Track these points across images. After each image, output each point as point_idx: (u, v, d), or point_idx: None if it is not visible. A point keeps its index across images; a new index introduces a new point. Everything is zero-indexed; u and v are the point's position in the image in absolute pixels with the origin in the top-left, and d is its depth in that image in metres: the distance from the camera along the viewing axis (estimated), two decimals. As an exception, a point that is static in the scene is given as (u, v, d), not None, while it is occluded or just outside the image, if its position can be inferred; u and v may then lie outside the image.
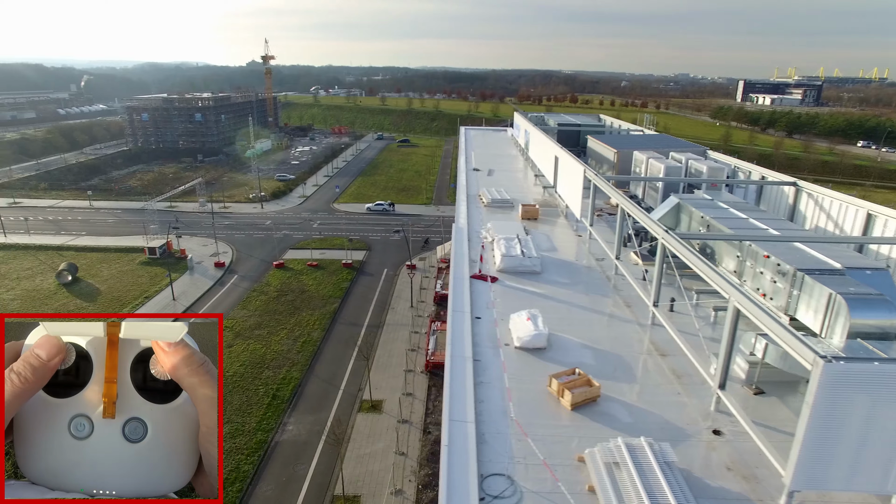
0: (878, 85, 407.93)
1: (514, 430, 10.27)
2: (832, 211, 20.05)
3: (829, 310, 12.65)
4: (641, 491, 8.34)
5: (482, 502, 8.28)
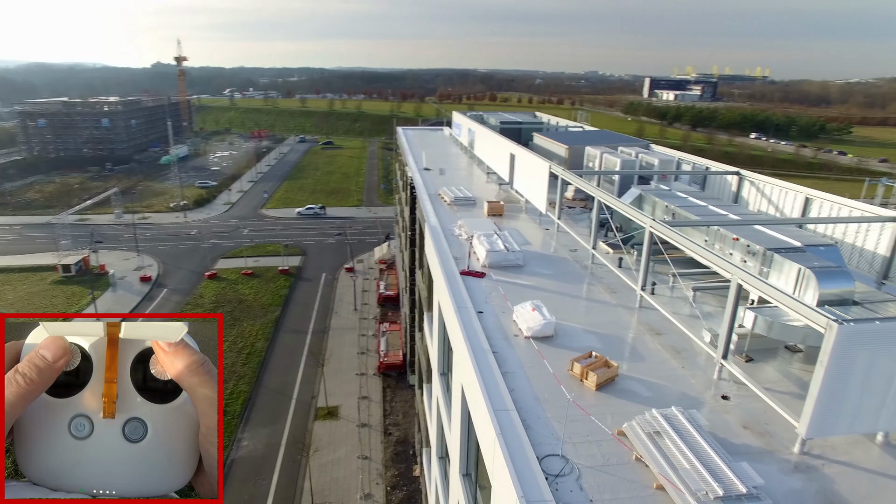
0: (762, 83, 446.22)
1: (551, 413, 10.85)
2: (773, 196, 22.12)
3: (799, 283, 14.13)
4: (688, 453, 9.16)
5: (547, 482, 8.78)
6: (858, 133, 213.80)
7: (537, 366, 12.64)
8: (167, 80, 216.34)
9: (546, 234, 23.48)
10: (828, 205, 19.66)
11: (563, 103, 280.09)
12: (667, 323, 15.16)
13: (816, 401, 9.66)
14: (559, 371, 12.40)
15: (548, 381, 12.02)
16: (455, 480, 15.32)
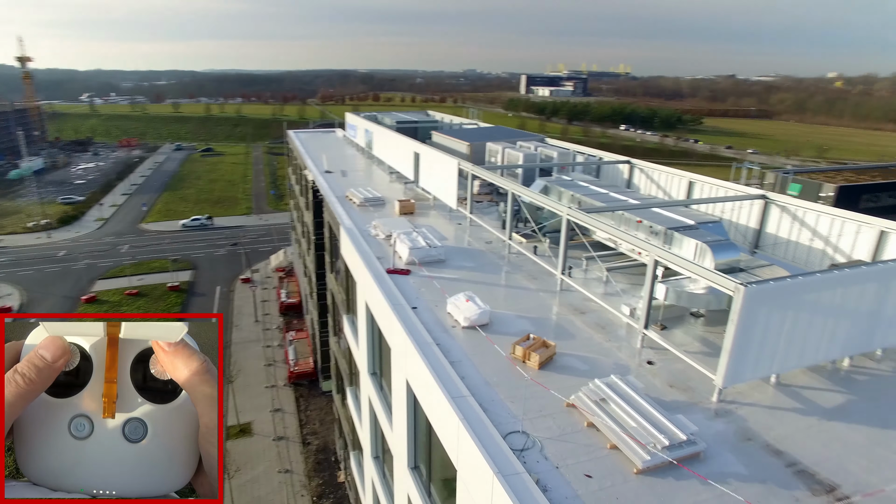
0: (626, 79, 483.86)
1: (503, 394, 11.47)
2: (661, 181, 24.45)
3: (697, 255, 15.91)
4: (633, 413, 10.17)
5: (515, 456, 9.37)
6: (708, 123, 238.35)
7: (480, 353, 13.22)
8: (6, 83, 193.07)
9: (459, 228, 24.21)
10: (707, 187, 22.12)
11: (446, 101, 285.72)
12: (587, 302, 16.41)
13: (730, 354, 11.09)
14: (502, 355, 13.07)
15: (494, 366, 12.64)
16: (402, 475, 15.57)
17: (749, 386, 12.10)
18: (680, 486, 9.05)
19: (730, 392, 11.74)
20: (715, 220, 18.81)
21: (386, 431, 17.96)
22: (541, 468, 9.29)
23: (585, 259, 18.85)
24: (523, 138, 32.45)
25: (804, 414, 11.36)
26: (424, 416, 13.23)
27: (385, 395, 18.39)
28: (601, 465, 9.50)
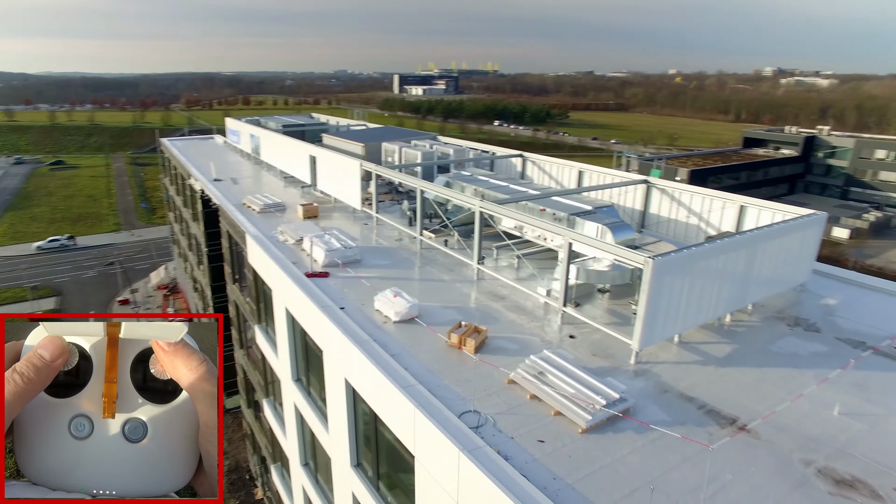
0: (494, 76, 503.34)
1: (448, 380, 12.10)
2: (552, 172, 26.33)
3: (598, 237, 17.56)
4: (569, 380, 11.26)
5: (473, 433, 10.06)
6: (574, 117, 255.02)
7: (417, 344, 13.75)
8: None
9: (366, 228, 24.44)
10: (595, 175, 24.24)
11: (320, 103, 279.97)
12: (504, 288, 17.50)
13: (643, 320, 12.58)
14: (438, 345, 13.69)
15: (433, 354, 13.23)
16: (344, 475, 15.69)
17: (658, 347, 13.73)
18: (619, 438, 10.25)
19: (644, 354, 13.26)
20: (608, 204, 20.77)
21: (319, 435, 17.88)
22: (498, 440, 10.04)
23: (495, 249, 19.96)
24: (416, 137, 33.19)
25: (703, 364, 13.16)
26: (368, 412, 13.52)
27: (315, 400, 18.28)
28: (550, 430, 10.45)
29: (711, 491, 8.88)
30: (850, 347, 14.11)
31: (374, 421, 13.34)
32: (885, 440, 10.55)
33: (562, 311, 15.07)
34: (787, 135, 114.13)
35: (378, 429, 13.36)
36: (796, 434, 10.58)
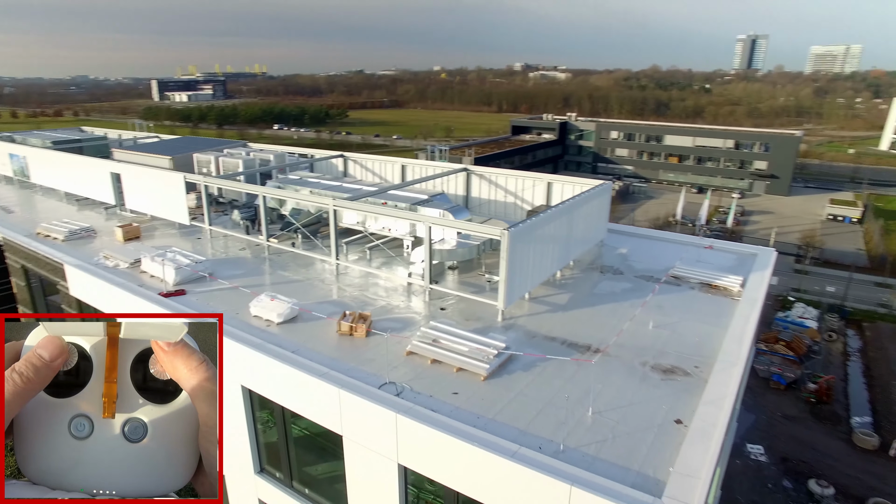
0: (263, 78, 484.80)
1: (352, 363, 13.13)
2: (375, 168, 27.98)
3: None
4: (461, 341, 13.15)
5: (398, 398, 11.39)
6: (353, 116, 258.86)
7: (310, 338, 14.40)
8: None
9: (200, 241, 23.51)
10: (417, 167, 26.51)
11: (63, 115, 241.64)
12: (366, 277, 18.77)
13: (505, 283, 15.01)
14: (330, 335, 14.54)
15: (330, 345, 14.06)
16: (246, 485, 15.59)
17: (515, 305, 16.34)
18: (514, 377, 12.46)
19: (506, 312, 15.74)
20: (439, 192, 23.15)
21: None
22: (420, 399, 11.50)
23: (345, 244, 21.00)
24: (228, 146, 32.13)
25: (552, 312, 16.14)
26: (272, 414, 13.85)
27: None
28: (458, 384, 12.21)
29: (592, 398, 11.51)
30: (645, 282, 18.41)
31: (282, 421, 13.73)
32: (682, 339, 14.44)
33: (428, 289, 16.91)
34: (545, 122, 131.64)
35: (287, 427, 13.79)
36: (631, 347, 13.93)
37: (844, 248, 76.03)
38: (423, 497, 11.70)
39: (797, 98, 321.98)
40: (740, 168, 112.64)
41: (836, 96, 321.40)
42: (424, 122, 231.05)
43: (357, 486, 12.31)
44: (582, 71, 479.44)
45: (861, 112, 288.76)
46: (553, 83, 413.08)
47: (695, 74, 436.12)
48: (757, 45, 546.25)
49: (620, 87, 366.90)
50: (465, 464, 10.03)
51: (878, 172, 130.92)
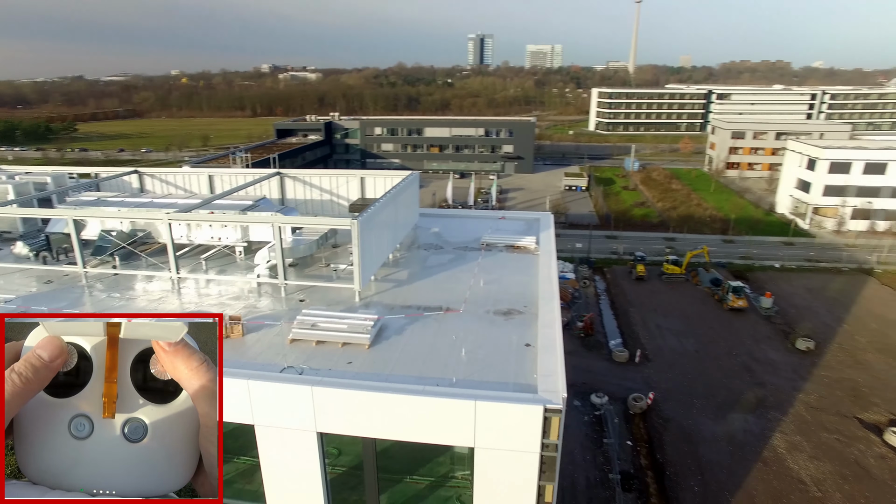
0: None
1: (242, 359, 13.91)
2: (179, 182, 27.08)
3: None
4: (340, 320, 14.84)
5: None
6: (83, 129, 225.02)
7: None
8: None
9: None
10: (226, 176, 26.48)
11: None
12: (209, 287, 18.92)
13: (359, 266, 16.95)
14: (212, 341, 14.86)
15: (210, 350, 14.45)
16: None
17: (366, 287, 18.34)
18: (392, 341, 14.61)
19: (362, 293, 17.68)
20: (262, 197, 23.72)
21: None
22: (322, 374, 12.99)
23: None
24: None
25: (399, 286, 18.54)
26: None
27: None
28: (348, 356, 13.91)
29: (460, 343, 14.27)
30: (463, 251, 21.89)
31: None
32: (508, 289, 18.10)
33: (284, 284, 17.98)
34: (310, 123, 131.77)
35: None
36: (473, 302, 17.07)
37: (581, 212, 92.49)
38: (338, 462, 13.26)
39: (523, 89, 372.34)
40: (492, 152, 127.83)
41: (552, 87, 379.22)
42: (174, 131, 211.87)
43: (274, 471, 13.25)
44: (332, 70, 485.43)
45: (570, 100, 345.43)
46: (305, 84, 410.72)
47: (437, 70, 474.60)
48: (485, 44, 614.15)
49: (371, 85, 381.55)
50: (381, 412, 11.95)
51: (593, 149, 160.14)
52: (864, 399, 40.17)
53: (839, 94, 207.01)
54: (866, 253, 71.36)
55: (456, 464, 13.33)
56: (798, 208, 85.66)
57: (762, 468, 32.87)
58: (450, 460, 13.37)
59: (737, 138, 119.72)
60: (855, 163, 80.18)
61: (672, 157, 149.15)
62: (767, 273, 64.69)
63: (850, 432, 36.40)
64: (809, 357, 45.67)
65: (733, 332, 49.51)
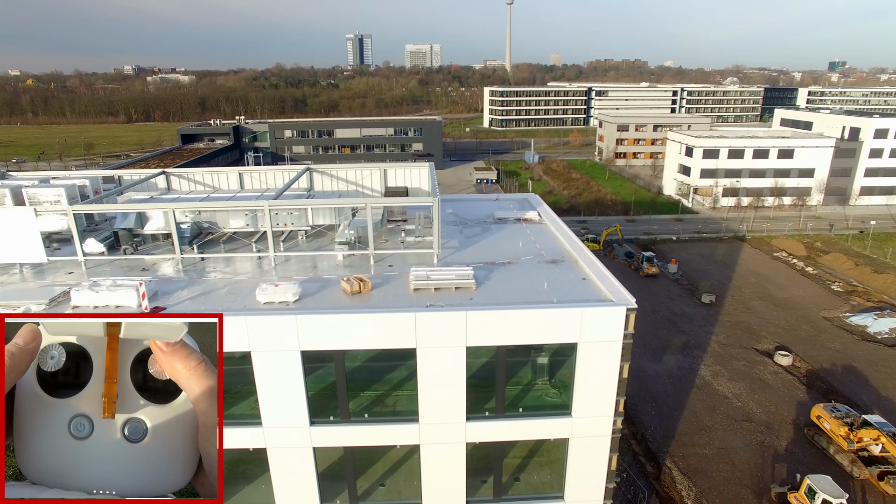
0: None
1: (384, 303, 18.20)
2: (208, 181, 29.68)
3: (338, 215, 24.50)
4: (446, 273, 19.48)
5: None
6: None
7: (330, 301, 18.52)
8: None
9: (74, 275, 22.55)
10: (255, 173, 29.61)
11: None
12: (306, 261, 22.56)
13: (438, 235, 21.60)
14: (343, 297, 18.89)
15: (355, 301, 18.54)
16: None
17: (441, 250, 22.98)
18: (489, 284, 19.54)
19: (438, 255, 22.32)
20: (309, 188, 27.33)
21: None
22: (467, 305, 17.67)
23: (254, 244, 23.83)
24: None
25: (458, 251, 23.31)
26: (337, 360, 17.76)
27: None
28: (463, 298, 18.61)
29: (539, 280, 19.53)
30: (485, 224, 27.07)
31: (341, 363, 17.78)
32: (542, 247, 23.54)
33: (373, 254, 22.17)
34: (216, 127, 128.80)
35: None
36: (523, 256, 22.35)
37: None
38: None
39: (408, 89, 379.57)
40: (402, 151, 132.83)
41: (435, 86, 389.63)
42: (40, 140, 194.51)
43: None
44: (205, 73, 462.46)
45: (457, 98, 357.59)
46: (179, 87, 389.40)
47: (318, 71, 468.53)
48: (364, 44, 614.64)
49: (253, 87, 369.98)
50: (511, 323, 16.91)
51: (493, 144, 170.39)
52: (756, 334, 50.47)
53: (694, 91, 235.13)
54: (737, 224, 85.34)
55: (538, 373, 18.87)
56: (681, 189, 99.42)
57: (696, 392, 41.30)
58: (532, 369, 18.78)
59: (622, 131, 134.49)
60: (721, 149, 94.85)
61: (565, 150, 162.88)
62: (668, 245, 75.88)
63: (751, 358, 46.12)
64: (713, 308, 55.89)
65: (652, 294, 58.80)
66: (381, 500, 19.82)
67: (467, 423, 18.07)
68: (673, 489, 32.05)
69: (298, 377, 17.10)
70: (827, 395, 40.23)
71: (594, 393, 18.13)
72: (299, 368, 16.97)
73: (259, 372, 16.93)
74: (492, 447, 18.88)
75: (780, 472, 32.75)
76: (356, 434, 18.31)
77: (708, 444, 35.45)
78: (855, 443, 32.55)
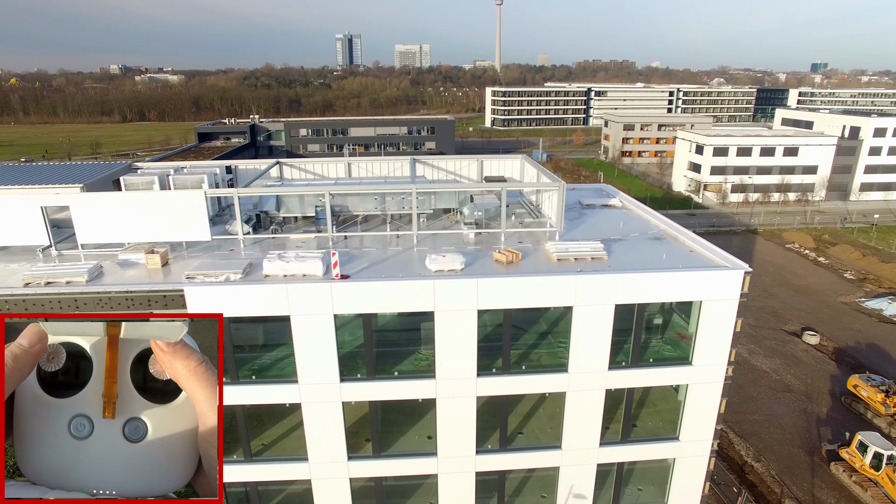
0: None
1: (540, 270, 21.46)
2: (317, 171, 32.69)
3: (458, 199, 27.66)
4: (581, 245, 22.80)
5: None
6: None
7: (489, 268, 21.72)
8: None
9: (235, 252, 25.39)
10: (363, 164, 32.66)
11: None
12: (440, 239, 25.67)
13: (557, 214, 24.90)
14: (496, 266, 22.08)
15: (509, 269, 21.78)
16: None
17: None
18: (615, 256, 22.85)
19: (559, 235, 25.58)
20: (421, 175, 30.46)
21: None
22: (615, 268, 20.97)
23: (413, 223, 26.90)
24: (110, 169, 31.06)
25: (572, 229, 26.59)
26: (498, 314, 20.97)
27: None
28: (597, 266, 21.91)
29: (658, 252, 22.92)
30: (578, 209, 30.36)
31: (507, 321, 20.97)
32: (640, 226, 26.92)
33: (503, 232, 25.37)
34: (232, 125, 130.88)
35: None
36: (629, 233, 25.72)
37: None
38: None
39: (401, 89, 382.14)
40: (416, 149, 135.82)
41: (427, 87, 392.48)
42: (41, 139, 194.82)
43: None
44: (194, 72, 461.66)
45: (450, 98, 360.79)
46: (170, 87, 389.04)
47: (308, 71, 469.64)
48: (354, 44, 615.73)
49: (245, 87, 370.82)
50: (648, 286, 20.25)
51: (501, 143, 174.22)
52: (782, 317, 54.43)
53: (690, 91, 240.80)
54: (747, 218, 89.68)
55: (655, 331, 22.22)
56: (692, 186, 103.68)
57: (737, 367, 44.90)
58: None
59: (628, 130, 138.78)
60: (731, 147, 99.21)
61: (569, 149, 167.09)
62: (686, 237, 79.88)
63: (781, 338, 50.03)
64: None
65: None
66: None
67: (608, 371, 21.39)
68: (731, 449, 35.65)
69: (472, 335, 20.39)
70: (856, 369, 44.15)
71: (713, 344, 21.58)
72: (474, 327, 20.27)
73: (440, 330, 20.11)
74: (626, 393, 22.25)
75: (825, 434, 36.49)
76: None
77: (757, 412, 39.17)
78: (892, 407, 36.42)
